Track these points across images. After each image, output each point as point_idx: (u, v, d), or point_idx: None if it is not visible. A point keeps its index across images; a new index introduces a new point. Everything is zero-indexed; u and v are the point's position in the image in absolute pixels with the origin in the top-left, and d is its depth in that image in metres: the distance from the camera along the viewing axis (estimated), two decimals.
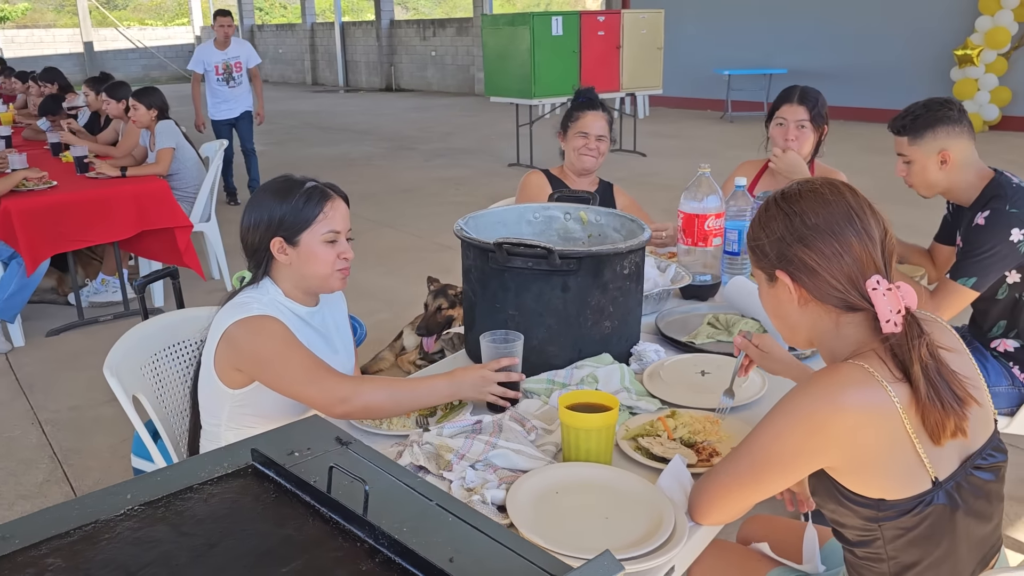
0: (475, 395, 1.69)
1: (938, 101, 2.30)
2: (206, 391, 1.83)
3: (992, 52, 10.54)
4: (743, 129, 11.82)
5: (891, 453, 1.19)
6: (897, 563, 1.26)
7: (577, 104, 3.07)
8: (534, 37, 8.33)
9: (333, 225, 1.80)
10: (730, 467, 1.29)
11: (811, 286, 1.28)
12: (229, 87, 7.28)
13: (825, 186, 1.30)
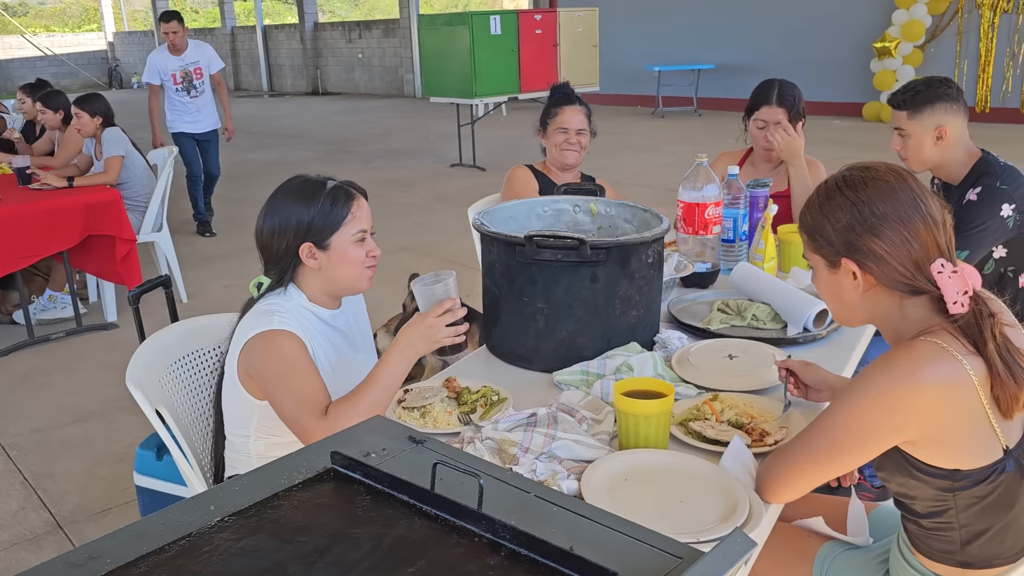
0: (430, 346, 1.70)
1: (938, 79, 2.40)
2: (232, 402, 1.78)
3: (908, 44, 10.99)
4: (675, 124, 12.05)
5: (968, 425, 1.23)
6: (968, 530, 1.30)
7: (554, 100, 3.08)
8: (473, 37, 8.32)
9: (362, 224, 1.78)
10: (804, 445, 1.31)
11: (878, 273, 1.31)
12: (191, 97, 6.37)
13: (889, 172, 1.33)
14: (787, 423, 1.61)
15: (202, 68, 6.42)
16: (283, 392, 1.65)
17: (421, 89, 17.19)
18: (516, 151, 10.06)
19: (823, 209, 1.36)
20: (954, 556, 1.34)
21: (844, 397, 1.28)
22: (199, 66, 6.40)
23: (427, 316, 1.70)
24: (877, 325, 1.38)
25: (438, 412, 1.69)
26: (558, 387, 1.82)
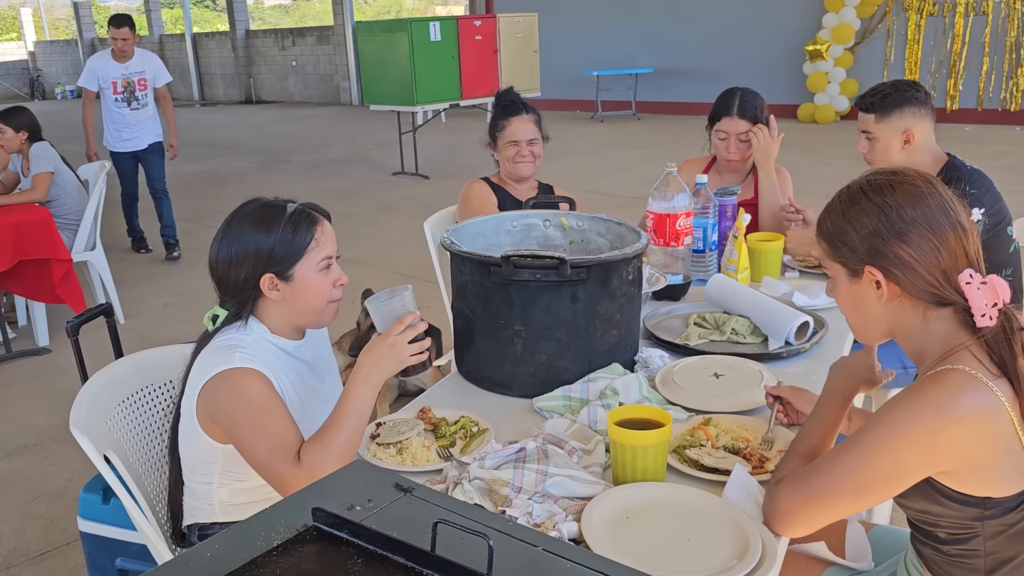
0: (395, 366, 1.56)
1: (906, 83, 2.37)
2: (191, 447, 1.63)
3: (839, 47, 11.23)
4: (615, 127, 12.09)
5: (1003, 452, 1.17)
6: (994, 559, 1.24)
7: (500, 111, 2.97)
8: (413, 43, 8.19)
9: (327, 251, 1.65)
10: (830, 479, 1.22)
11: (904, 281, 1.24)
12: (131, 109, 5.78)
13: (918, 177, 1.26)
14: (778, 446, 1.54)
15: (147, 80, 5.86)
16: (253, 438, 1.51)
17: (359, 96, 16.97)
18: (458, 158, 9.96)
19: (846, 214, 1.28)
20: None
21: (873, 432, 1.20)
22: (144, 77, 5.84)
23: (388, 335, 1.56)
24: (898, 340, 1.31)
25: (416, 448, 1.57)
26: (539, 414, 1.73)
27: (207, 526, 1.66)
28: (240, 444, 1.54)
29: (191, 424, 1.60)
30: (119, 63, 5.74)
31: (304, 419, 1.59)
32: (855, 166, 2.48)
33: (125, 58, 5.75)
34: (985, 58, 10.39)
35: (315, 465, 1.47)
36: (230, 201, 7.68)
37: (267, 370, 1.57)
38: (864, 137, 2.43)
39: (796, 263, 2.65)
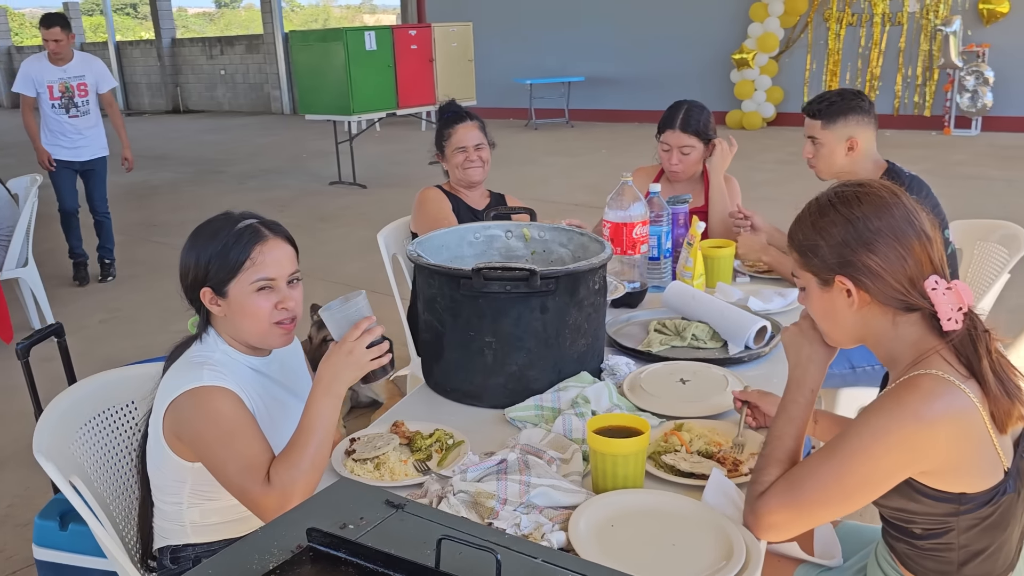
0: (356, 373, 1.53)
1: (852, 91, 2.46)
2: (159, 467, 1.59)
3: (764, 56, 11.55)
4: (548, 135, 12.19)
5: (977, 450, 1.23)
6: (967, 551, 1.30)
7: (445, 120, 2.99)
8: (348, 53, 8.13)
9: (265, 272, 1.58)
10: (811, 484, 1.26)
11: (873, 289, 1.28)
12: (70, 116, 5.32)
13: (883, 188, 1.31)
14: (749, 448, 1.59)
15: (87, 85, 5.40)
16: (224, 458, 1.48)
17: (290, 106, 16.73)
18: (395, 167, 9.91)
19: (816, 226, 1.33)
20: (950, 575, 1.34)
21: (856, 439, 1.24)
22: (84, 81, 5.38)
23: (344, 342, 1.53)
24: (870, 345, 1.36)
25: (394, 462, 1.57)
26: (512, 424, 1.74)
27: (179, 548, 1.62)
28: (210, 464, 1.51)
29: (158, 443, 1.56)
30: (56, 66, 5.32)
31: (275, 435, 1.57)
32: (783, 171, 2.57)
33: (62, 61, 5.32)
34: (900, 66, 10.82)
35: (286, 484, 1.45)
36: (164, 213, 7.54)
37: (236, 387, 1.55)
38: (810, 142, 2.52)
39: (746, 268, 2.72)
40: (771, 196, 2.61)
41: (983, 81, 9.76)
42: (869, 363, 2.47)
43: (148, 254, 6.50)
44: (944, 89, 10.28)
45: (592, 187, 8.09)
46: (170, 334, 4.99)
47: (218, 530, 1.62)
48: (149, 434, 1.60)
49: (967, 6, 10.11)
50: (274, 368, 1.71)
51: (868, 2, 10.83)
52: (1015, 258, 2.55)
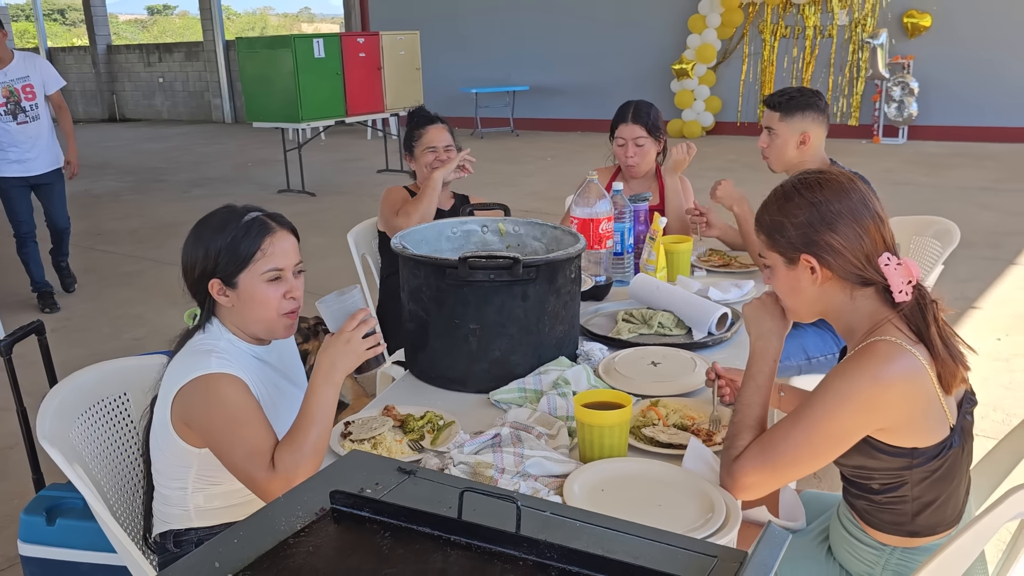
0: (353, 362, 1.62)
1: (811, 91, 2.65)
2: (164, 452, 1.64)
3: (703, 66, 11.89)
4: (494, 144, 12.31)
5: (927, 408, 1.37)
6: (919, 502, 1.45)
7: (416, 122, 3.09)
8: (296, 60, 8.13)
9: (275, 262, 1.66)
10: (781, 445, 1.39)
11: (835, 266, 1.43)
12: (18, 124, 4.81)
13: (841, 176, 1.46)
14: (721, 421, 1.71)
15: (34, 86, 4.86)
16: (231, 443, 1.54)
17: (232, 114, 16.54)
18: (343, 175, 9.92)
19: (783, 210, 1.46)
20: (904, 527, 1.48)
21: (820, 403, 1.37)
22: (30, 83, 4.85)
23: (342, 332, 1.62)
24: (829, 318, 1.50)
25: (390, 442, 1.65)
26: (496, 406, 1.84)
27: (182, 532, 1.67)
28: (217, 449, 1.57)
29: (164, 429, 1.62)
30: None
31: (277, 422, 1.64)
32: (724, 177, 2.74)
33: (1, 63, 4.81)
34: (831, 77, 11.25)
35: (289, 469, 1.52)
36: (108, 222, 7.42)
37: (242, 374, 1.61)
38: (766, 132, 2.69)
39: (702, 263, 2.87)
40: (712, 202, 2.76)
41: (909, 92, 10.22)
42: (823, 352, 2.63)
43: (95, 263, 6.41)
44: (872, 99, 10.73)
45: (539, 194, 8.24)
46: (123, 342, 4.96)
47: (221, 514, 1.68)
48: (154, 420, 1.65)
49: (893, 20, 10.58)
50: (274, 356, 1.78)
51: (800, 15, 11.24)
52: (948, 250, 2.75)
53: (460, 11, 13.80)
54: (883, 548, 1.51)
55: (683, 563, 1.01)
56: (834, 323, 1.50)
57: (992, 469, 1.75)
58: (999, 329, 4.27)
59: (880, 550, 1.51)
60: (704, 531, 1.33)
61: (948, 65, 10.24)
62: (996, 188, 7.60)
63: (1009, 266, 5.32)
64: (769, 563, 0.98)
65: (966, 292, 4.79)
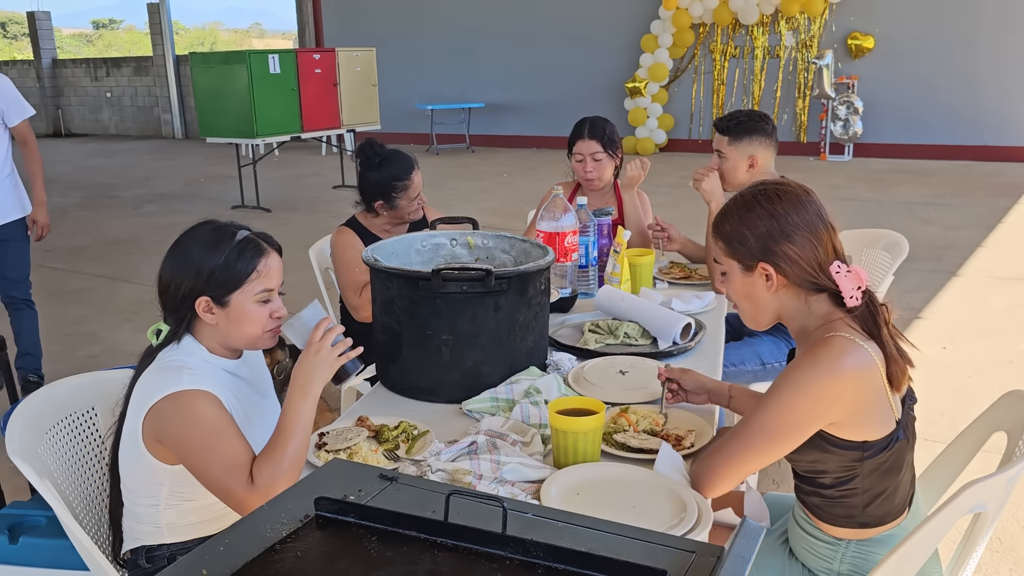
0: (328, 371, 1.63)
1: (759, 114, 2.73)
2: (134, 470, 1.63)
3: (655, 84, 12.11)
4: (450, 160, 12.35)
5: (875, 401, 1.45)
6: (869, 494, 1.52)
7: (400, 168, 2.93)
8: (251, 76, 8.08)
9: (268, 283, 1.67)
10: (741, 440, 1.46)
11: (790, 273, 1.51)
12: None
13: (798, 189, 1.54)
14: (686, 426, 1.76)
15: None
16: (208, 460, 1.54)
17: (182, 130, 16.32)
18: (297, 191, 9.86)
19: (744, 219, 1.53)
20: (855, 519, 1.55)
21: (776, 394, 1.45)
22: None
23: (310, 344, 1.63)
24: (784, 321, 1.58)
25: (365, 452, 1.67)
26: (469, 416, 1.86)
27: (154, 548, 1.66)
28: (193, 467, 1.57)
29: (135, 447, 1.61)
30: None
31: (252, 434, 1.64)
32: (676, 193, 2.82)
33: None
34: (779, 96, 11.54)
35: (268, 483, 1.53)
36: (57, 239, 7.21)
37: (215, 390, 1.61)
38: (716, 155, 2.77)
39: (664, 276, 2.94)
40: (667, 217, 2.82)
41: (854, 110, 10.54)
42: (778, 359, 2.71)
43: (44, 280, 6.26)
44: (819, 118, 11.03)
45: (495, 210, 8.29)
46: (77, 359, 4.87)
47: (194, 529, 1.67)
48: (123, 438, 1.64)
49: (838, 41, 10.91)
50: (245, 370, 1.78)
51: (750, 36, 11.52)
52: (897, 261, 2.86)
53: (415, 28, 13.86)
54: (838, 542, 1.58)
55: (664, 558, 1.05)
56: (788, 325, 1.58)
57: (943, 470, 1.83)
58: (944, 338, 4.43)
59: (835, 544, 1.58)
60: (678, 530, 1.38)
61: (891, 85, 10.59)
62: (937, 203, 7.87)
63: (952, 278, 5.51)
64: (747, 555, 1.02)
65: (912, 303, 4.96)
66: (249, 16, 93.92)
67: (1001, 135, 10.19)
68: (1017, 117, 10.10)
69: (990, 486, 1.42)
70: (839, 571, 1.59)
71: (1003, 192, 8.22)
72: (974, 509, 1.46)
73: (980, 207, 7.61)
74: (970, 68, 10.21)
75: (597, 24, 12.52)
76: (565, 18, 12.70)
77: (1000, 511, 1.54)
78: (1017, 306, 4.90)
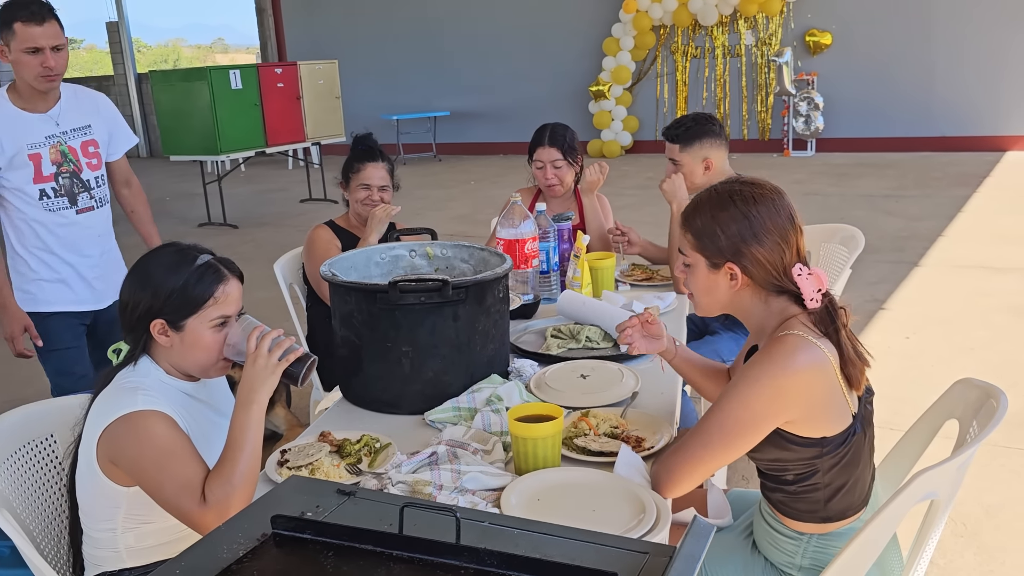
0: (269, 377, 1.59)
1: (705, 116, 2.76)
2: (91, 493, 1.62)
3: (619, 87, 12.19)
4: (417, 169, 12.34)
5: (830, 398, 1.47)
6: (830, 488, 1.54)
7: (356, 154, 3.07)
8: (213, 92, 8.03)
9: (225, 310, 1.66)
10: (699, 439, 1.48)
11: (755, 275, 1.53)
12: (79, 212, 2.73)
13: (773, 192, 1.55)
14: (646, 428, 1.78)
15: (100, 144, 2.79)
16: (161, 480, 1.53)
17: (146, 148, 16.16)
18: (264, 206, 9.80)
19: (716, 218, 1.54)
20: (818, 513, 1.57)
21: (733, 391, 1.47)
22: (93, 138, 2.76)
23: (247, 356, 1.61)
24: (742, 318, 1.61)
25: (327, 467, 1.67)
26: (431, 426, 1.87)
27: (115, 574, 1.65)
28: (148, 487, 1.56)
29: (90, 469, 1.59)
30: (38, 111, 2.64)
31: (211, 455, 1.63)
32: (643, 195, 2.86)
33: (47, 100, 2.66)
34: (743, 95, 11.67)
35: (220, 500, 1.52)
36: None
37: (170, 410, 1.60)
38: (671, 163, 2.79)
39: (625, 278, 2.97)
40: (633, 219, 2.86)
41: (814, 106, 10.67)
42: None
43: None
44: (781, 115, 11.15)
45: (464, 217, 8.31)
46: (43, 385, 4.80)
47: (154, 552, 1.66)
48: (79, 462, 1.63)
49: (796, 39, 11.05)
50: (203, 392, 1.77)
51: (709, 36, 11.63)
52: (854, 255, 2.90)
53: (378, 39, 13.84)
54: (800, 537, 1.60)
55: (617, 561, 1.07)
56: (746, 322, 1.61)
57: (900, 460, 1.86)
58: (908, 328, 4.49)
59: (798, 539, 1.61)
60: (637, 532, 1.39)
61: (849, 80, 10.74)
62: (898, 195, 7.99)
63: (913, 268, 5.60)
64: (696, 554, 1.04)
65: (875, 294, 5.03)
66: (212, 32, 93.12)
67: (958, 126, 10.37)
68: (973, 107, 10.29)
69: (940, 473, 1.45)
70: (800, 564, 1.61)
71: (962, 182, 8.37)
72: (926, 497, 1.48)
73: (940, 197, 7.74)
74: (926, 60, 10.39)
75: (559, 29, 12.58)
76: (527, 24, 12.76)
77: (953, 497, 1.57)
78: (977, 294, 4.99)
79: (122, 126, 2.98)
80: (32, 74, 2.55)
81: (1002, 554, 2.56)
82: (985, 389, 1.66)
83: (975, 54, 10.16)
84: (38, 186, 2.66)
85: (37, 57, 2.53)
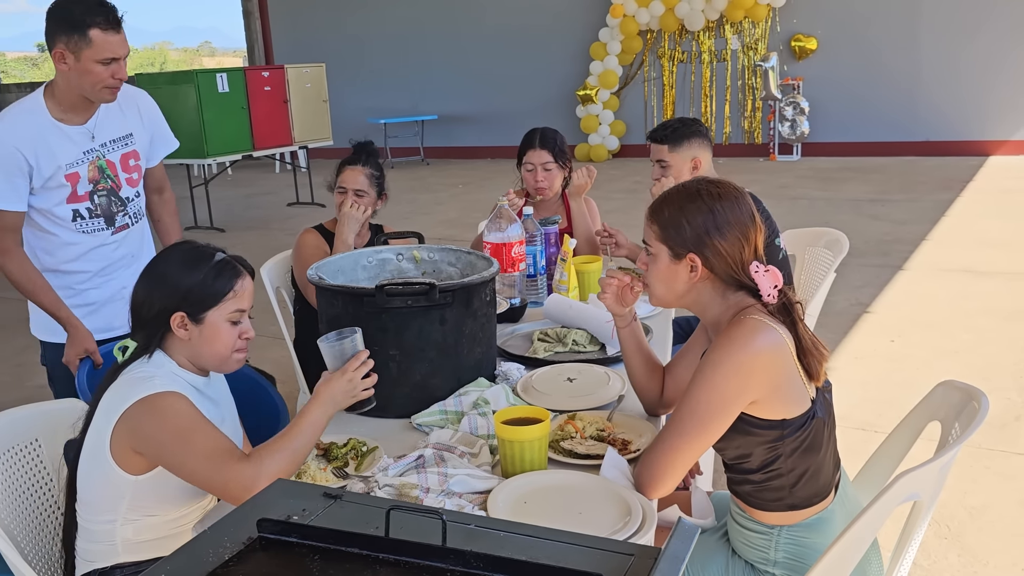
0: (348, 400, 1.70)
1: (691, 119, 2.79)
2: (95, 482, 1.64)
3: (606, 91, 12.23)
4: (405, 173, 12.35)
5: (789, 379, 1.52)
6: (794, 474, 1.58)
7: (346, 158, 3.09)
8: (200, 95, 8.01)
9: (241, 304, 1.73)
10: (671, 431, 1.53)
11: (716, 267, 1.57)
12: (114, 232, 2.51)
13: (737, 191, 1.60)
14: (638, 429, 1.79)
15: (140, 155, 2.58)
16: (187, 452, 1.56)
17: None
18: (251, 210, 9.78)
19: (684, 209, 1.59)
20: (784, 501, 1.61)
21: (699, 376, 1.52)
22: (134, 148, 2.55)
23: (345, 371, 1.69)
24: (696, 309, 1.66)
25: (314, 471, 1.67)
26: (418, 429, 1.87)
27: (108, 571, 1.65)
28: (174, 463, 1.59)
29: (99, 457, 1.62)
30: (75, 123, 2.40)
31: None
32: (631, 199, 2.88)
33: (89, 110, 2.41)
34: (728, 99, 11.73)
35: (263, 463, 1.55)
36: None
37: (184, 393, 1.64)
38: (658, 166, 2.81)
39: None
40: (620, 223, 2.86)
41: (800, 111, 10.74)
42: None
43: None
44: (767, 119, 11.22)
45: (452, 221, 8.32)
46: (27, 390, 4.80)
47: (149, 547, 1.67)
48: (84, 453, 1.65)
49: (782, 44, 11.12)
50: (212, 390, 1.81)
51: (696, 41, 11.69)
52: (838, 259, 2.93)
53: (365, 42, 13.84)
54: (771, 530, 1.63)
55: (603, 563, 1.07)
56: (703, 316, 1.66)
57: (883, 461, 1.88)
58: (892, 332, 4.53)
59: (768, 533, 1.63)
60: (623, 533, 1.40)
61: (834, 85, 10.81)
62: (883, 199, 8.05)
63: (898, 272, 5.64)
64: (681, 554, 1.05)
65: (860, 298, 5.06)
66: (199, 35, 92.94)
67: (943, 130, 10.46)
68: (957, 112, 10.38)
69: (923, 475, 1.47)
70: (775, 560, 1.64)
71: (946, 186, 8.44)
72: (909, 498, 1.50)
73: (924, 201, 7.80)
74: (911, 66, 10.48)
75: (546, 33, 12.61)
76: (515, 28, 12.78)
77: (936, 499, 1.58)
78: (961, 297, 5.04)
79: (163, 129, 2.78)
80: (99, 85, 2.29)
81: (985, 555, 2.58)
82: (967, 391, 1.68)
83: (959, 60, 10.25)
84: (71, 206, 2.40)
85: (110, 68, 2.28)
